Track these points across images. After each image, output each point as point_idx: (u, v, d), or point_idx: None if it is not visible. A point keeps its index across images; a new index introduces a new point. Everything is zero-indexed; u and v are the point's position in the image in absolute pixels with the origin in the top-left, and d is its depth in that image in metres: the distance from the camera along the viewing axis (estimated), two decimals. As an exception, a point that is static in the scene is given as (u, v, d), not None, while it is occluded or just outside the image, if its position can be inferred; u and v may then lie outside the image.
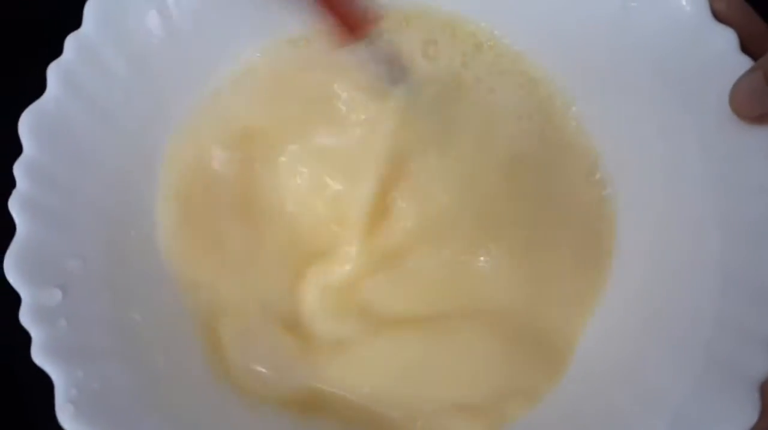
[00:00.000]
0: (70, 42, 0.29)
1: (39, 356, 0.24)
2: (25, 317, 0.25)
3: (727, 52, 0.28)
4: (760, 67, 0.26)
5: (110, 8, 0.30)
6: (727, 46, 0.28)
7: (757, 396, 0.24)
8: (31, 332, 0.25)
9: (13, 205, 0.26)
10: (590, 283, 0.30)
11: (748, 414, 0.24)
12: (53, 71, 0.29)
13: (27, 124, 0.28)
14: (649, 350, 0.27)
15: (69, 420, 0.24)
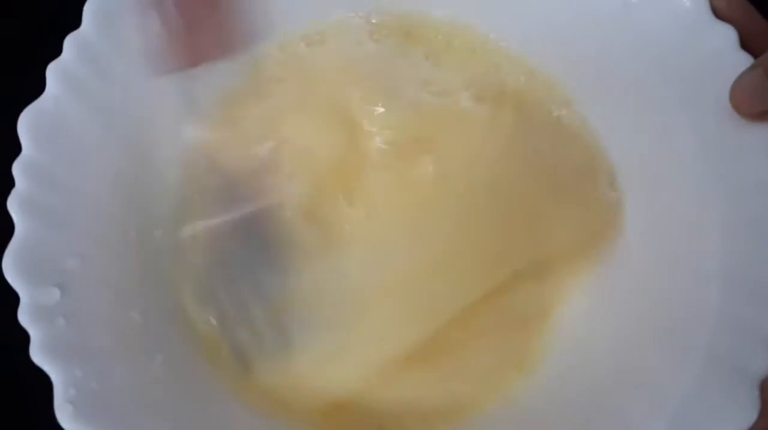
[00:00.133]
0: (70, 42, 0.29)
1: (37, 355, 0.24)
2: (24, 316, 0.25)
3: (727, 49, 0.28)
4: (761, 64, 0.26)
5: (109, 8, 0.30)
6: (727, 44, 0.28)
7: (756, 394, 0.24)
8: (30, 332, 0.25)
9: (12, 205, 0.26)
10: (590, 280, 0.30)
11: (747, 413, 0.24)
12: (52, 71, 0.29)
13: (26, 123, 0.28)
14: (649, 348, 0.27)
15: (68, 420, 0.24)
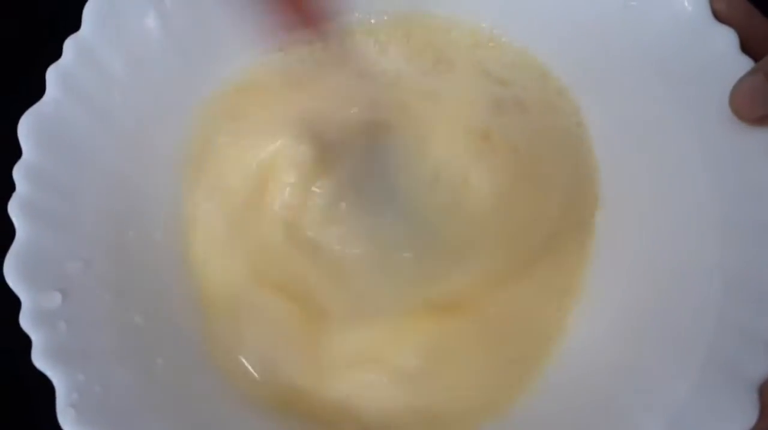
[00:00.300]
0: (69, 44, 0.29)
1: (39, 360, 0.24)
2: (26, 321, 0.25)
3: (727, 52, 0.28)
4: (761, 68, 0.26)
5: (109, 10, 0.30)
6: (727, 47, 0.28)
7: (756, 397, 0.24)
8: (32, 336, 0.25)
9: (13, 209, 0.26)
10: (590, 283, 0.30)
11: (747, 415, 0.24)
12: (52, 74, 0.29)
13: (26, 127, 0.28)
14: (649, 351, 0.27)
15: (70, 424, 0.24)
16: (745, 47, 0.28)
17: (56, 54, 0.29)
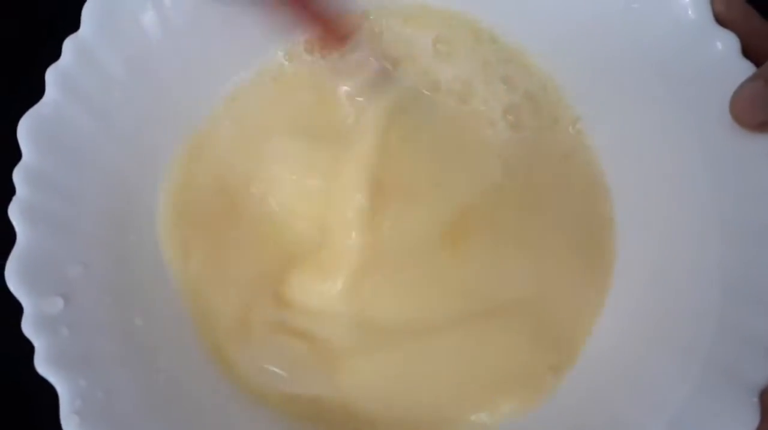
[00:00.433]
0: (69, 45, 0.29)
1: (42, 366, 0.24)
2: (28, 327, 0.25)
3: (728, 56, 0.28)
4: (761, 74, 0.26)
5: (108, 10, 0.30)
6: (728, 51, 0.28)
7: (756, 402, 0.24)
8: (34, 342, 0.25)
9: (14, 212, 0.26)
10: (594, 286, 0.30)
11: (748, 420, 0.24)
12: (51, 75, 0.28)
13: (26, 129, 0.27)
14: (651, 354, 0.27)
15: (75, 430, 0.24)
16: (746, 46, 0.28)
17: (55, 54, 0.29)
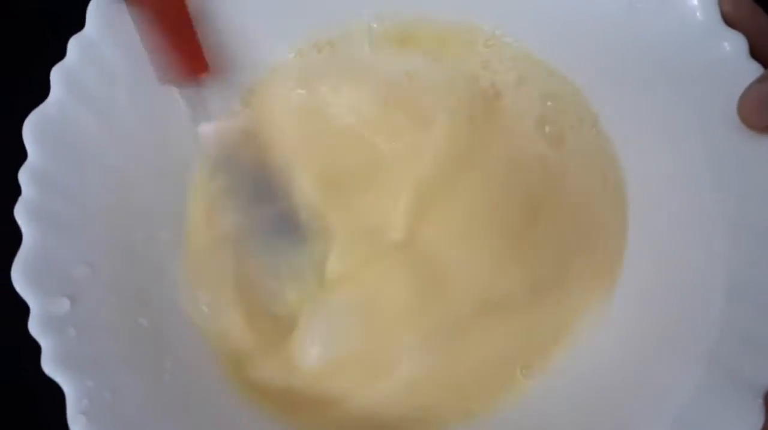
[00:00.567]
0: (73, 44, 0.29)
1: (49, 366, 0.24)
2: (34, 327, 0.25)
3: (736, 57, 0.27)
4: (769, 76, 0.26)
5: (113, 8, 0.29)
6: (736, 51, 0.27)
7: (760, 403, 0.24)
8: (41, 342, 0.25)
9: (20, 213, 0.26)
10: (600, 286, 0.30)
11: (752, 421, 0.24)
12: (56, 74, 0.28)
13: (31, 129, 0.27)
14: (654, 355, 0.27)
15: (82, 431, 0.24)
16: (753, 46, 0.27)
17: (60, 53, 0.28)
